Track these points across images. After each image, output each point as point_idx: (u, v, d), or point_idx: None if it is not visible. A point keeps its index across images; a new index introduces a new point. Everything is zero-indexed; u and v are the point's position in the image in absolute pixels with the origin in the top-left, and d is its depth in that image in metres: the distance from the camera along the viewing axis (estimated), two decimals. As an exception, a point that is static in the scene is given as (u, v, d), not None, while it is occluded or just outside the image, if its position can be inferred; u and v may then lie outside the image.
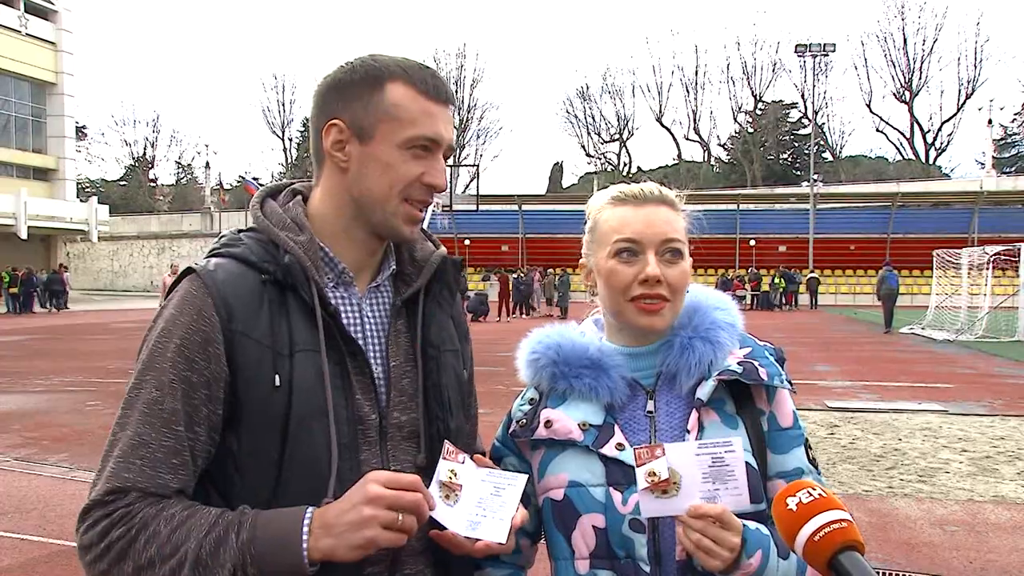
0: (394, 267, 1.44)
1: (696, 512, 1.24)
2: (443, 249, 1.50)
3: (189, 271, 1.31)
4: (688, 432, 1.38)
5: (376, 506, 1.15)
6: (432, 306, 1.43)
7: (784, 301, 38.04)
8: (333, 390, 1.27)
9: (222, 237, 1.39)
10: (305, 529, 1.16)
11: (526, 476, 1.30)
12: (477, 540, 1.23)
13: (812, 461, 1.44)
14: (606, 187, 1.60)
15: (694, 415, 1.39)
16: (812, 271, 40.99)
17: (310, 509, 1.18)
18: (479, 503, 1.26)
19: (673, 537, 1.33)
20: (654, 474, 1.25)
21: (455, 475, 1.26)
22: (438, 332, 1.43)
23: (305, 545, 1.15)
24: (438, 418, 1.38)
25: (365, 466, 1.27)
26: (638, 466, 1.26)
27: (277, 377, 1.24)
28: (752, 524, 1.30)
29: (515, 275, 33.05)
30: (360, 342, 1.34)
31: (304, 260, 1.30)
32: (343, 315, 1.34)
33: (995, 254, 22.01)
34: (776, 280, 38.00)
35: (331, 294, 1.35)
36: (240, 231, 1.39)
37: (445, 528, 1.24)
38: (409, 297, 1.42)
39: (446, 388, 1.41)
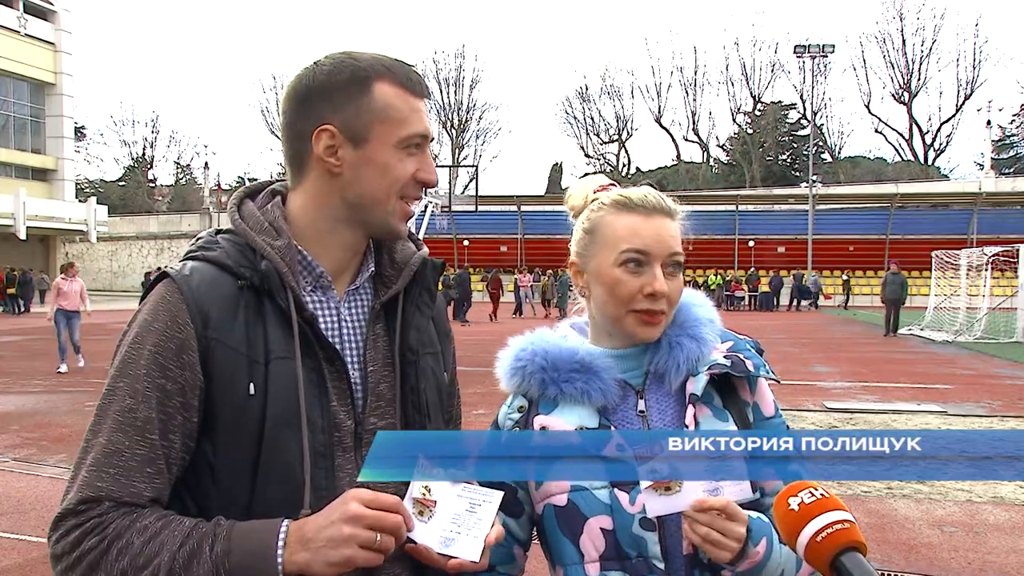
0: (373, 269, 1.43)
1: (701, 506, 1.25)
2: (424, 250, 1.48)
3: (164, 275, 1.28)
4: (686, 428, 1.39)
5: (356, 525, 1.14)
6: (411, 309, 1.42)
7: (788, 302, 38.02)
8: (309, 398, 1.26)
9: (199, 239, 1.37)
10: (280, 542, 1.15)
11: (502, 493, 1.28)
12: (451, 557, 1.21)
13: None
14: (585, 176, 1.60)
15: (691, 410, 1.41)
16: (844, 274, 41.12)
17: (285, 522, 1.17)
18: (454, 519, 1.24)
19: (679, 532, 1.34)
20: (656, 472, 1.25)
21: (429, 491, 1.24)
22: (417, 336, 1.41)
23: (280, 559, 1.14)
24: (415, 423, 1.37)
25: (340, 472, 1.27)
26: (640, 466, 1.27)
27: (252, 385, 1.23)
28: (753, 514, 1.31)
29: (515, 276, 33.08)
30: (337, 347, 1.33)
31: (281, 266, 1.28)
32: (320, 320, 1.33)
33: (994, 255, 22.02)
34: (711, 280, 37.91)
35: (308, 299, 1.33)
36: (218, 232, 1.37)
37: (417, 543, 1.22)
38: (388, 300, 1.41)
39: (424, 393, 1.40)
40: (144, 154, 72.10)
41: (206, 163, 65.67)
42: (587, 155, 71.69)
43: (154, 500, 1.20)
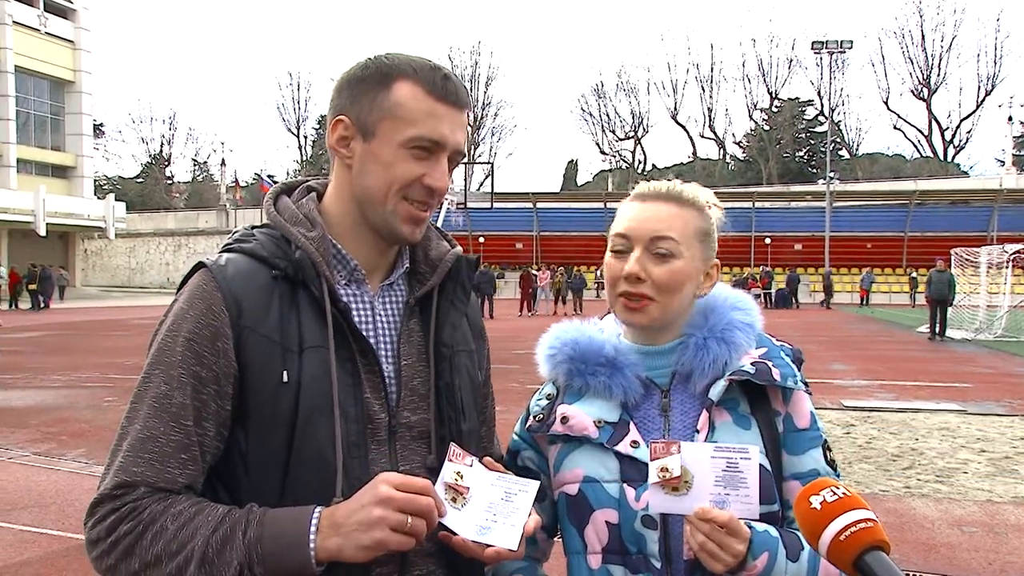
0: (407, 265, 1.43)
1: (704, 515, 1.23)
2: (458, 248, 1.48)
3: (200, 266, 1.31)
4: (698, 432, 1.38)
5: (386, 507, 1.14)
6: (446, 305, 1.42)
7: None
8: (342, 387, 1.26)
9: (235, 233, 1.39)
10: (313, 528, 1.15)
11: (538, 483, 1.28)
12: (488, 546, 1.21)
13: (831, 463, 1.43)
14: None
15: (704, 415, 1.39)
16: (914, 272, 40.46)
17: (318, 508, 1.18)
18: (489, 507, 1.24)
19: (683, 535, 1.33)
20: (666, 470, 1.25)
21: (461, 477, 1.24)
22: (451, 332, 1.41)
23: (312, 544, 1.14)
24: (450, 419, 1.37)
25: (374, 465, 1.27)
26: (652, 460, 1.26)
27: (285, 373, 1.24)
28: (760, 526, 1.29)
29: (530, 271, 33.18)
30: (371, 340, 1.33)
31: (315, 255, 1.29)
32: (354, 313, 1.33)
33: (1015, 252, 21.77)
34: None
35: (342, 291, 1.34)
36: (254, 227, 1.39)
37: (453, 532, 1.22)
38: (423, 296, 1.41)
39: (459, 389, 1.40)
40: (162, 151, 72.84)
41: (223, 160, 66.10)
42: (603, 152, 71.69)
43: (188, 487, 1.22)
